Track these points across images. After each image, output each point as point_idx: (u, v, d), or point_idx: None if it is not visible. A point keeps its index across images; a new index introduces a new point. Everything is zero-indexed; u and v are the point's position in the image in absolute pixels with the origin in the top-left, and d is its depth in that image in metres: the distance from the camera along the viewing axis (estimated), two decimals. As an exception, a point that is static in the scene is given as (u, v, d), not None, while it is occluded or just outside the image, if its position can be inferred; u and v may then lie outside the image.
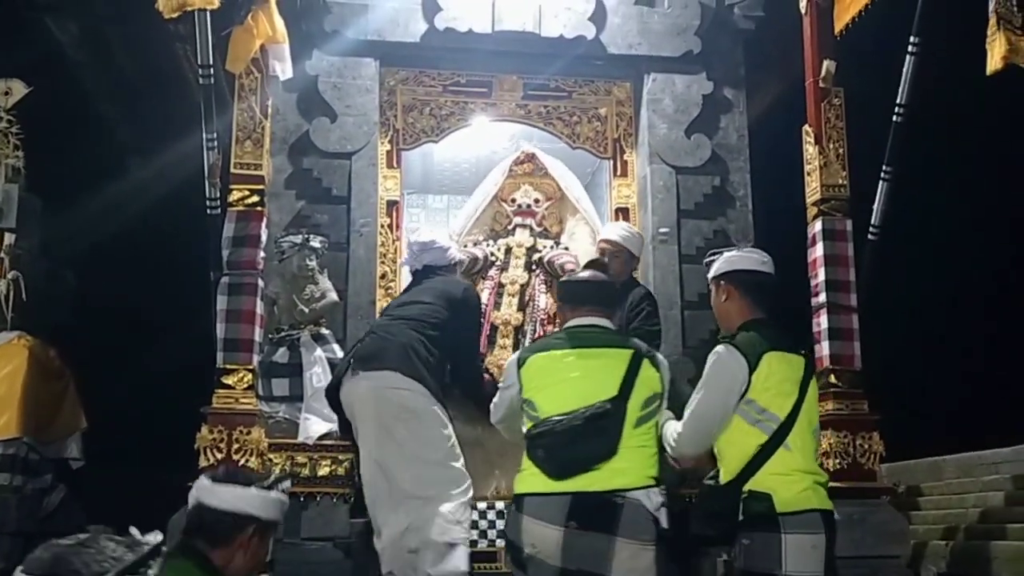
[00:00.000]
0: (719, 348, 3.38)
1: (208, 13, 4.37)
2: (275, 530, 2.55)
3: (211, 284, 4.81)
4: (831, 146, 5.21)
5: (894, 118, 5.02)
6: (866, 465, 4.86)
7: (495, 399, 3.66)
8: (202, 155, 4.81)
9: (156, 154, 7.87)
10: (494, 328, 5.35)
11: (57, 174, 7.04)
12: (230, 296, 4.69)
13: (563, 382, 3.33)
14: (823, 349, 5.06)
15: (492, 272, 5.58)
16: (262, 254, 4.85)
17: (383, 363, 4.15)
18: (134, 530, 2.29)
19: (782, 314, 3.60)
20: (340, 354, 5.24)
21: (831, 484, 4.68)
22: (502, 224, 5.81)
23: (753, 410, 3.27)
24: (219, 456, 4.48)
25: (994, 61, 4.37)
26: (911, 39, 4.88)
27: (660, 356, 3.52)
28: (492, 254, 5.63)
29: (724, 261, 3.57)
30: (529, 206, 5.78)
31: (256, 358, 4.74)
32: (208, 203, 4.72)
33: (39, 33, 6.86)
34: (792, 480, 3.23)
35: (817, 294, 5.11)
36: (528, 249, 5.61)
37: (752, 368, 3.27)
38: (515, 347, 5.02)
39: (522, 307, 5.44)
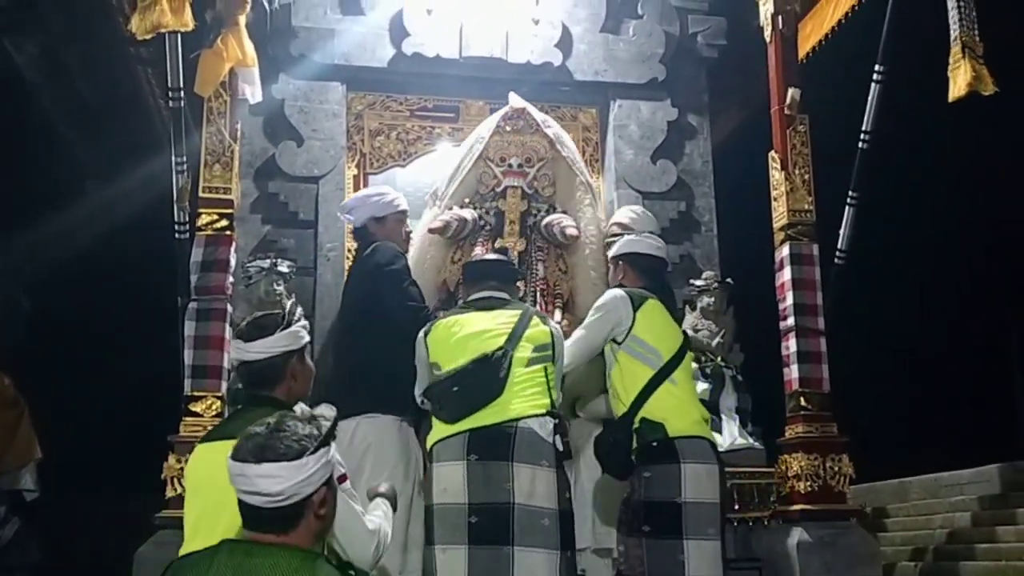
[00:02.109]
0: (610, 290, 3.94)
1: (179, 36, 4.31)
2: (307, 348, 2.87)
3: (177, 309, 4.72)
4: (797, 172, 5.28)
5: (860, 144, 5.11)
6: (836, 487, 4.89)
7: (417, 379, 3.78)
8: (164, 178, 4.78)
9: (116, 177, 7.74)
10: None
11: (13, 197, 6.89)
12: (198, 322, 4.60)
13: (457, 341, 3.59)
14: (792, 372, 5.11)
15: (481, 238, 5.03)
16: (231, 279, 4.77)
17: None
18: (302, 407, 2.49)
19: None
20: (308, 380, 5.18)
21: (801, 507, 4.80)
22: (488, 186, 5.15)
23: (638, 345, 3.74)
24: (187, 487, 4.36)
25: (958, 88, 4.49)
26: (876, 67, 4.98)
27: (554, 322, 3.84)
28: (481, 217, 5.06)
29: (625, 243, 4.13)
30: (520, 165, 5.18)
31: (224, 385, 4.65)
32: (176, 227, 4.64)
33: (-5, 54, 6.73)
34: (682, 410, 3.67)
35: (785, 318, 5.15)
36: (522, 213, 5.09)
37: (636, 308, 3.79)
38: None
39: (521, 276, 4.89)
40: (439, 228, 4.80)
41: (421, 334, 3.73)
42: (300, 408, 2.46)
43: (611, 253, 4.17)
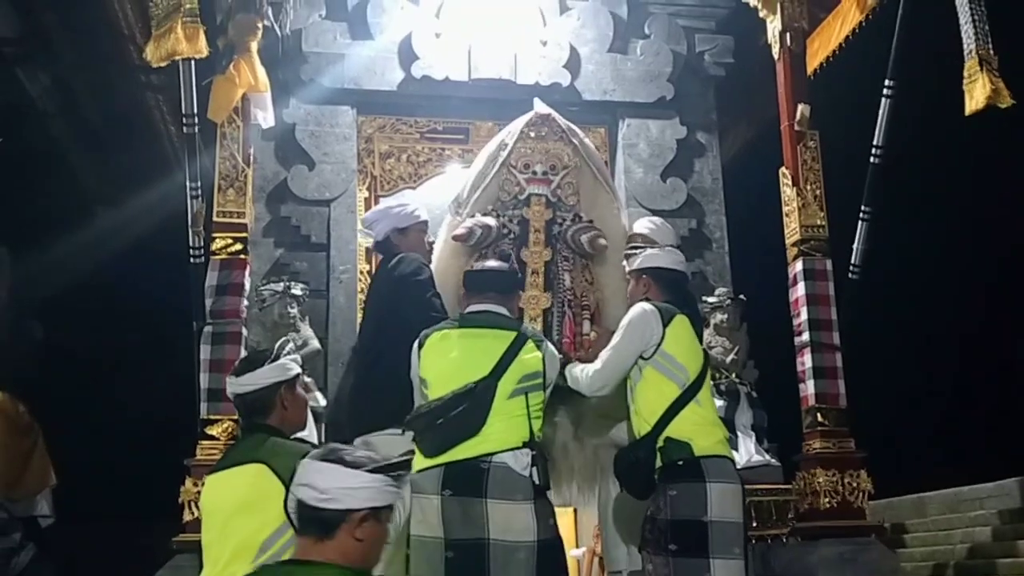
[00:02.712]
0: (639, 304, 3.85)
1: (192, 62, 4.35)
2: (299, 378, 3.03)
3: (192, 333, 4.73)
4: (808, 188, 5.29)
5: (871, 159, 5.12)
6: (855, 503, 4.87)
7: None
8: (175, 203, 4.81)
9: (127, 203, 7.78)
10: (521, 311, 4.57)
11: (26, 223, 6.93)
12: (213, 345, 4.61)
13: (446, 361, 3.57)
14: (808, 388, 5.10)
15: (505, 245, 4.76)
16: (245, 302, 4.78)
17: None
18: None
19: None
20: (323, 402, 5.17)
21: (820, 524, 4.78)
22: (510, 193, 4.92)
23: (667, 361, 3.69)
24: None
25: (975, 101, 4.49)
26: (886, 82, 4.99)
27: (550, 345, 3.74)
28: (504, 225, 4.80)
29: (648, 257, 4.04)
30: (545, 173, 4.95)
31: (240, 408, 4.64)
32: (191, 252, 4.66)
33: (8, 83, 6.78)
34: (707, 430, 3.63)
35: (800, 333, 5.15)
36: (547, 222, 4.86)
37: (666, 323, 3.73)
38: (546, 331, 4.41)
39: (548, 287, 4.70)
40: (463, 235, 4.61)
41: (415, 345, 3.70)
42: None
43: (633, 266, 4.09)
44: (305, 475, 2.18)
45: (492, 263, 4.09)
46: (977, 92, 4.48)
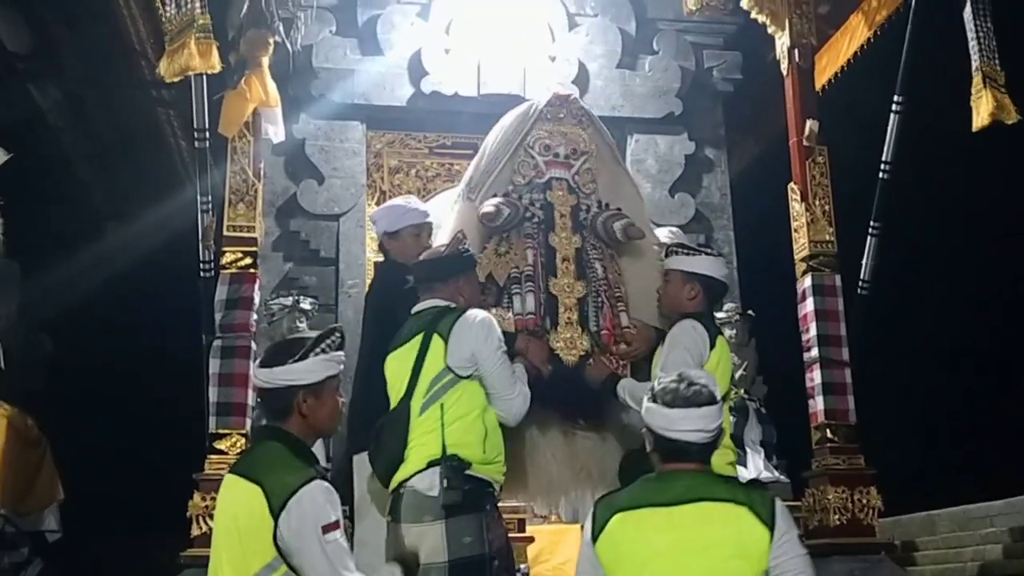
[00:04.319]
0: (691, 321, 3.69)
1: (204, 77, 4.38)
2: (331, 384, 2.71)
3: (202, 347, 4.74)
4: (817, 203, 5.29)
5: (880, 175, 5.12)
6: (865, 520, 4.84)
7: None
8: (184, 218, 4.82)
9: (136, 217, 7.81)
10: (553, 299, 4.20)
11: (36, 238, 6.96)
12: (223, 359, 4.61)
13: (389, 376, 3.53)
14: (817, 404, 5.07)
15: (529, 228, 4.34)
16: (254, 317, 4.79)
17: None
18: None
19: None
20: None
21: (830, 540, 4.75)
22: (526, 177, 4.51)
23: None
24: (212, 524, 4.35)
25: (981, 117, 4.52)
26: (895, 98, 5.00)
27: (463, 318, 3.44)
28: (527, 208, 4.38)
29: (705, 263, 3.86)
30: (567, 156, 4.57)
31: (249, 422, 4.65)
32: (201, 266, 4.68)
33: (20, 98, 6.83)
34: (721, 452, 3.39)
35: (809, 349, 5.13)
36: (572, 207, 4.47)
37: (712, 346, 3.63)
38: (581, 323, 4.13)
39: (581, 275, 4.29)
40: (491, 214, 4.20)
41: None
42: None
43: (684, 267, 3.84)
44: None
45: (444, 248, 3.81)
46: (983, 108, 4.50)
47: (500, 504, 4.13)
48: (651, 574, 2.46)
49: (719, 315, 5.68)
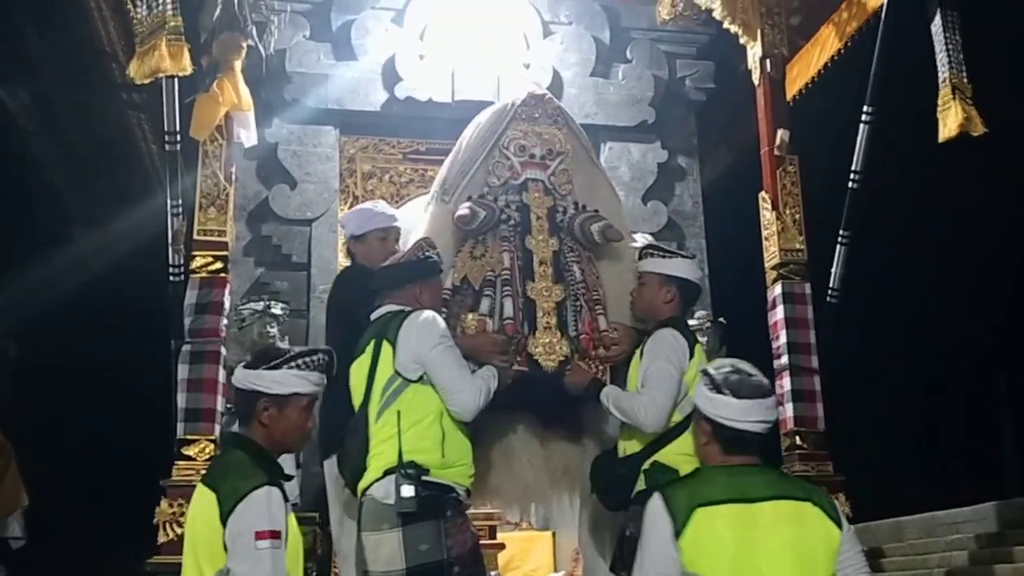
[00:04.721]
0: (670, 330, 3.61)
1: (176, 80, 4.35)
2: (297, 401, 2.70)
3: (170, 352, 4.69)
4: (788, 212, 5.34)
5: (849, 184, 5.17)
6: (834, 527, 4.84)
7: None
8: (155, 222, 4.78)
9: (106, 221, 7.74)
10: (531, 303, 4.10)
11: (4, 243, 6.88)
12: (192, 364, 4.57)
13: (352, 385, 3.48)
14: (787, 411, 5.10)
15: (505, 231, 4.25)
16: (225, 322, 4.75)
17: None
18: None
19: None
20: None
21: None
22: (501, 178, 4.42)
23: (680, 392, 3.50)
24: (179, 531, 4.31)
25: (948, 129, 4.58)
26: (865, 108, 5.06)
27: (409, 320, 3.41)
28: (502, 210, 4.30)
29: (684, 265, 3.83)
30: (543, 157, 4.48)
31: (218, 428, 4.61)
32: (171, 270, 4.63)
33: (-12, 101, 6.76)
34: (692, 461, 3.39)
35: (779, 356, 5.17)
36: (549, 210, 4.39)
37: (691, 355, 3.56)
38: (560, 327, 4.03)
39: (559, 278, 4.21)
40: (466, 216, 4.15)
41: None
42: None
43: (660, 269, 3.80)
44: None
45: (394, 257, 3.80)
46: (950, 120, 4.57)
47: (474, 510, 4.11)
48: (738, 572, 2.42)
49: (691, 323, 5.70)
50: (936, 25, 4.82)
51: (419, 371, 3.38)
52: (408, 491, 3.23)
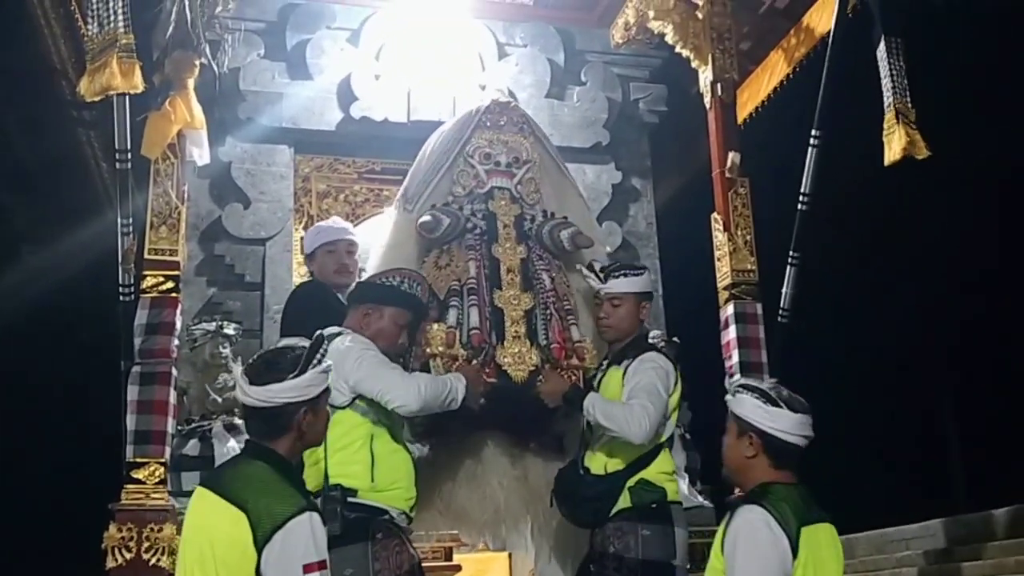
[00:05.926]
0: (657, 354, 3.66)
1: (127, 98, 4.30)
2: (325, 397, 2.64)
3: (120, 373, 4.61)
4: (739, 233, 5.42)
5: (799, 206, 5.27)
6: (785, 544, 4.89)
7: None
8: (105, 241, 4.69)
9: (55, 240, 7.61)
10: (499, 312, 4.03)
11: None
12: (142, 386, 4.47)
13: None
14: (739, 429, 5.14)
15: (471, 240, 4.21)
16: (176, 342, 4.68)
17: None
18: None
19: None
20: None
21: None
22: (466, 187, 4.36)
23: (665, 411, 3.57)
24: (128, 556, 4.23)
25: (893, 152, 4.69)
26: (813, 132, 5.16)
27: (333, 346, 3.19)
28: (468, 218, 4.25)
29: (648, 281, 3.87)
30: (509, 165, 4.43)
31: (168, 451, 4.53)
32: (121, 289, 4.56)
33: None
34: (672, 480, 3.61)
35: (732, 375, 5.22)
36: (516, 218, 4.32)
37: (674, 382, 3.65)
38: (529, 336, 3.98)
39: (527, 287, 4.14)
40: (429, 223, 4.11)
41: None
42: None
43: (631, 288, 3.74)
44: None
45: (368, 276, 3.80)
46: (895, 143, 4.69)
47: (432, 532, 4.02)
48: None
49: (645, 342, 5.74)
50: (881, 51, 4.94)
51: (347, 395, 3.32)
52: (332, 515, 3.13)
